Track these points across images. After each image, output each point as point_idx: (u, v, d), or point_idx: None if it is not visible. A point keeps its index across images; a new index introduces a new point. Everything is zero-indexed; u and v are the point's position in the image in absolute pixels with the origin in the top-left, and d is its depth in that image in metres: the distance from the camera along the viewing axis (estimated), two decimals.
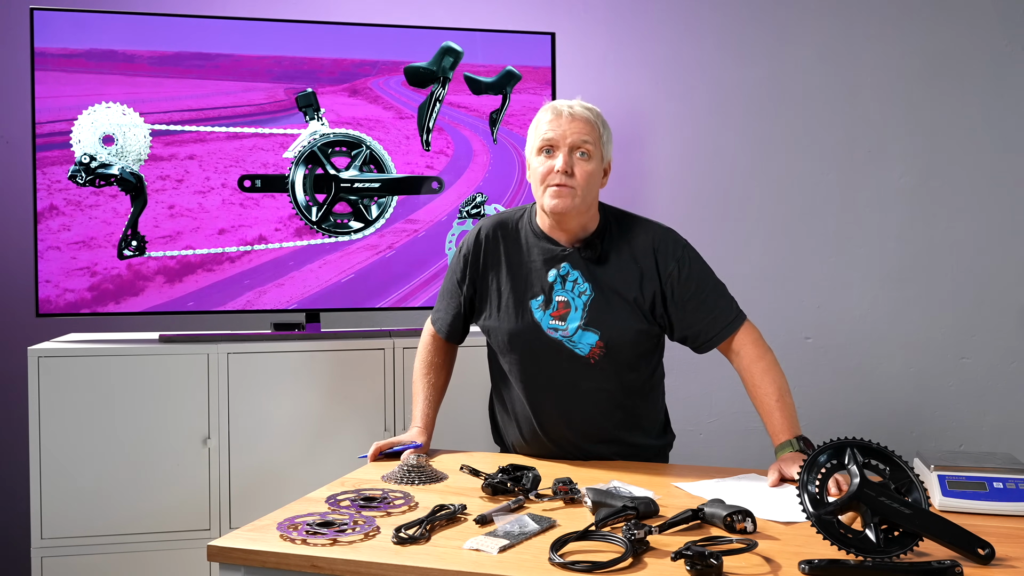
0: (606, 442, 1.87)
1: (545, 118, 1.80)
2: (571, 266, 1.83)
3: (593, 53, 3.13)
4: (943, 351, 3.08)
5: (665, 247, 1.83)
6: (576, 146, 1.77)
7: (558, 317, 1.81)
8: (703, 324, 1.82)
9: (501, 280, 1.87)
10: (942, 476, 1.54)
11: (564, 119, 1.77)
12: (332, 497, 1.56)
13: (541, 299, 1.83)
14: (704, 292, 1.83)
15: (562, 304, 1.81)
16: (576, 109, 1.79)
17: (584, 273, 1.82)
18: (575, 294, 1.81)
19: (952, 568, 1.19)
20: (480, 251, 1.90)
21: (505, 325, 1.85)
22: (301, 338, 2.60)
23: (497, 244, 1.89)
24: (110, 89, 2.54)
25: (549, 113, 1.80)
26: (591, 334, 1.80)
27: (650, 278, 1.81)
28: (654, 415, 1.95)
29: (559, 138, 1.77)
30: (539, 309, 1.83)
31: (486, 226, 1.92)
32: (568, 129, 1.77)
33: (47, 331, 2.73)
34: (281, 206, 2.65)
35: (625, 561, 1.23)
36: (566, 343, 1.81)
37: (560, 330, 1.81)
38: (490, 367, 1.99)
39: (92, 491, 2.41)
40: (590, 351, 1.81)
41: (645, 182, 3.11)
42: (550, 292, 1.82)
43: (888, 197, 3.08)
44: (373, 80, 2.70)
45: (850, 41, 3.08)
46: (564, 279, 1.82)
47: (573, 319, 1.81)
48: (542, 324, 1.82)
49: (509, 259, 1.87)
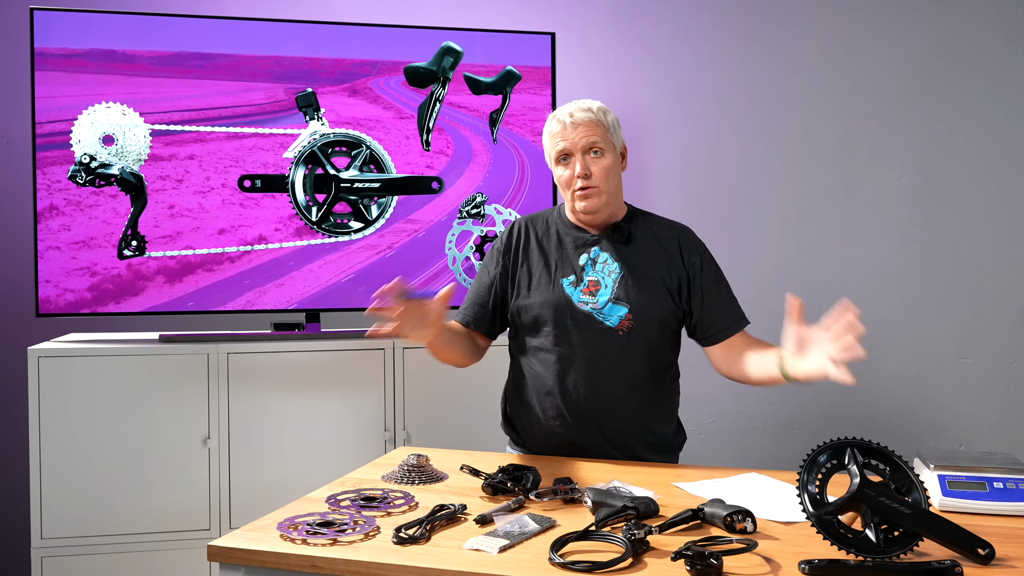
0: (628, 420, 1.89)
1: (553, 130, 1.91)
2: (600, 249, 1.93)
3: (593, 53, 3.13)
4: (943, 351, 3.08)
5: (689, 241, 1.96)
6: (587, 148, 1.88)
7: (588, 293, 1.90)
8: (718, 315, 1.92)
9: (532, 264, 1.96)
10: (942, 476, 1.54)
11: (568, 128, 1.88)
12: (332, 497, 1.56)
13: (572, 278, 1.92)
14: (720, 287, 1.95)
15: (593, 283, 1.91)
16: (576, 115, 1.89)
17: (613, 254, 1.92)
18: (604, 273, 1.91)
19: (952, 568, 1.19)
20: (512, 242, 1.99)
21: (537, 299, 1.92)
22: (301, 338, 2.60)
23: (529, 236, 1.99)
24: (110, 89, 2.54)
25: (555, 124, 1.91)
26: (621, 307, 1.88)
27: (677, 264, 1.93)
28: (671, 406, 2.00)
29: (570, 146, 1.88)
30: (570, 286, 1.91)
31: (518, 223, 2.03)
32: (574, 135, 1.87)
33: (47, 331, 2.74)
34: (281, 206, 2.65)
35: (625, 561, 1.23)
36: (596, 315, 1.89)
37: (590, 303, 1.89)
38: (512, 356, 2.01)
39: (92, 491, 2.41)
40: (619, 323, 1.88)
41: (645, 182, 3.11)
42: (581, 273, 1.92)
43: (888, 197, 3.08)
44: (373, 80, 2.70)
45: (850, 41, 3.08)
46: (595, 262, 1.92)
47: (603, 294, 1.89)
48: (573, 298, 1.90)
49: (541, 247, 1.97)
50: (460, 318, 2.00)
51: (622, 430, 1.89)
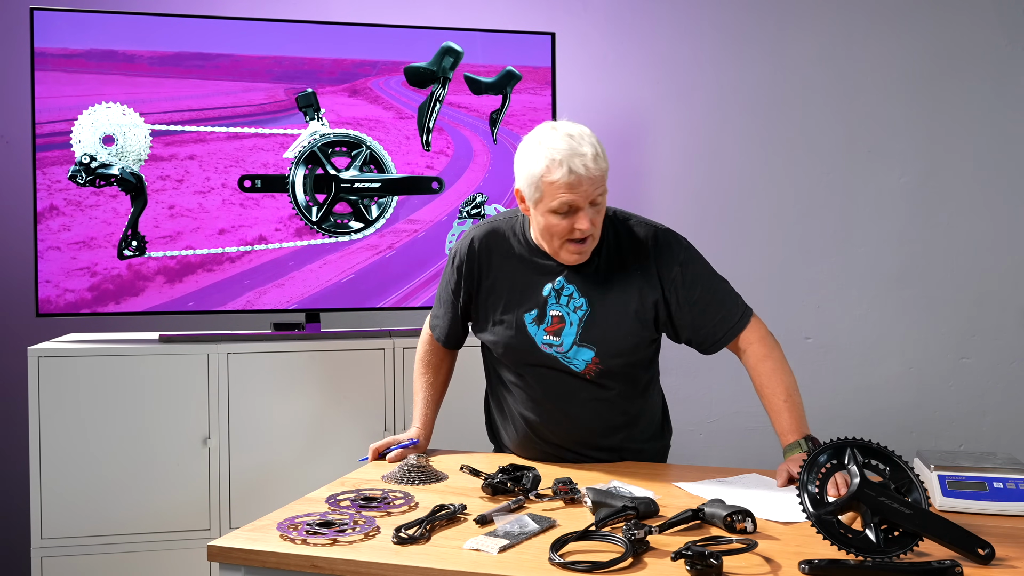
0: (604, 450, 1.84)
1: (562, 179, 1.63)
2: (566, 280, 1.77)
3: (593, 53, 3.13)
4: (943, 351, 3.08)
5: (667, 250, 1.77)
6: (595, 200, 1.67)
7: (552, 332, 1.76)
8: (710, 327, 1.78)
9: (494, 292, 1.82)
10: (942, 476, 1.54)
11: (585, 181, 1.63)
12: (332, 497, 1.55)
13: (535, 313, 1.77)
14: (709, 293, 1.78)
15: (556, 319, 1.76)
16: (592, 166, 1.63)
17: (580, 287, 1.76)
18: (570, 309, 1.76)
19: (952, 568, 1.19)
20: (473, 262, 1.84)
21: (500, 336, 1.81)
22: (301, 338, 2.60)
23: (489, 255, 1.83)
24: (110, 89, 2.54)
25: (565, 174, 1.63)
26: (586, 351, 1.76)
27: (651, 286, 1.76)
28: (651, 415, 1.92)
29: (581, 202, 1.65)
30: (533, 324, 1.78)
31: (477, 235, 1.85)
32: (588, 189, 1.64)
33: (47, 331, 2.73)
34: (281, 206, 2.65)
35: (625, 561, 1.23)
36: (561, 359, 1.77)
37: (555, 346, 1.77)
38: (485, 368, 1.96)
39: (92, 491, 2.41)
40: (585, 367, 1.77)
41: (645, 182, 3.11)
42: (544, 306, 1.77)
43: (888, 197, 3.08)
44: (373, 80, 2.70)
45: (850, 41, 3.08)
46: (559, 293, 1.76)
47: (568, 334, 1.76)
48: (536, 339, 1.77)
49: (502, 270, 1.82)
50: (436, 334, 1.95)
51: (599, 456, 1.84)
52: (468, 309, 1.88)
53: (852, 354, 3.10)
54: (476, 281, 1.84)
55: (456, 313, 1.90)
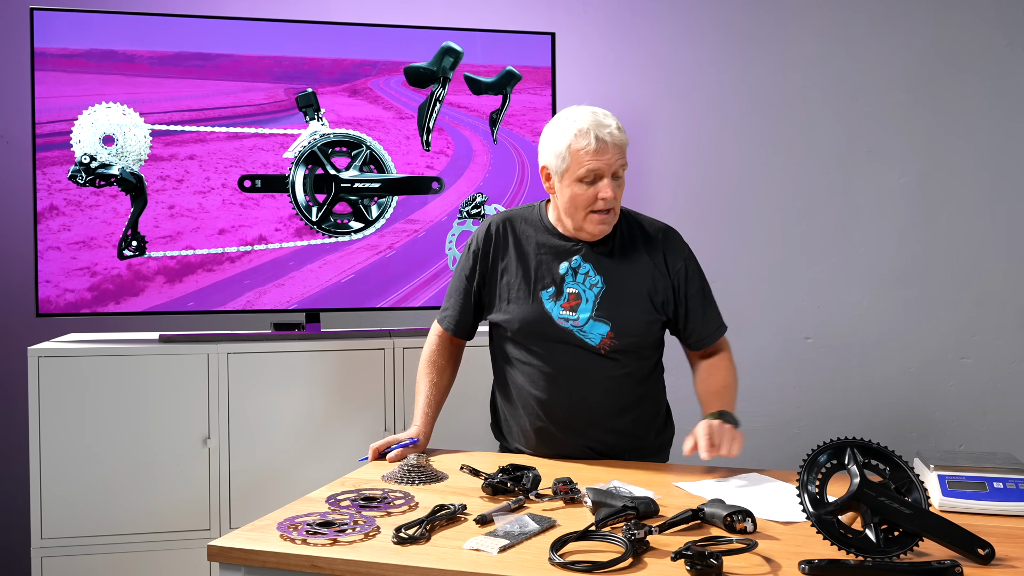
0: (613, 432, 1.88)
1: (588, 146, 1.76)
2: (583, 259, 1.85)
3: (593, 53, 3.13)
4: (943, 351, 3.08)
5: (676, 244, 1.90)
6: (617, 171, 1.79)
7: (569, 308, 1.84)
8: (701, 325, 1.91)
9: (511, 272, 1.89)
10: (942, 476, 1.54)
11: (609, 148, 1.76)
12: (332, 497, 1.56)
13: (552, 290, 1.86)
14: (704, 295, 1.92)
15: (573, 295, 1.84)
16: (615, 135, 1.77)
17: (596, 266, 1.85)
18: (586, 286, 1.84)
19: (952, 568, 1.19)
20: (490, 245, 1.92)
21: (516, 314, 1.87)
22: (301, 338, 2.60)
23: (507, 238, 1.92)
24: (110, 89, 2.54)
25: (591, 140, 1.76)
26: (602, 324, 1.83)
27: (661, 273, 1.87)
28: (657, 400, 1.98)
29: (605, 168, 1.77)
30: (550, 300, 1.85)
31: (495, 221, 1.95)
32: (611, 157, 1.77)
33: (47, 331, 2.73)
34: (281, 206, 2.65)
35: (625, 561, 1.24)
36: (576, 332, 1.84)
37: (571, 320, 1.84)
38: (493, 358, 2.00)
39: (92, 491, 2.41)
40: (600, 341, 1.83)
41: (645, 182, 3.11)
42: (561, 284, 1.85)
43: (888, 197, 3.08)
44: (373, 80, 2.70)
45: (850, 41, 3.08)
46: (576, 271, 1.85)
47: (584, 310, 1.84)
48: (552, 314, 1.85)
49: (519, 252, 1.90)
50: (446, 325, 1.99)
51: (607, 440, 1.88)
52: (481, 293, 1.94)
53: (852, 354, 3.10)
54: (492, 263, 1.92)
55: (468, 300, 1.95)
